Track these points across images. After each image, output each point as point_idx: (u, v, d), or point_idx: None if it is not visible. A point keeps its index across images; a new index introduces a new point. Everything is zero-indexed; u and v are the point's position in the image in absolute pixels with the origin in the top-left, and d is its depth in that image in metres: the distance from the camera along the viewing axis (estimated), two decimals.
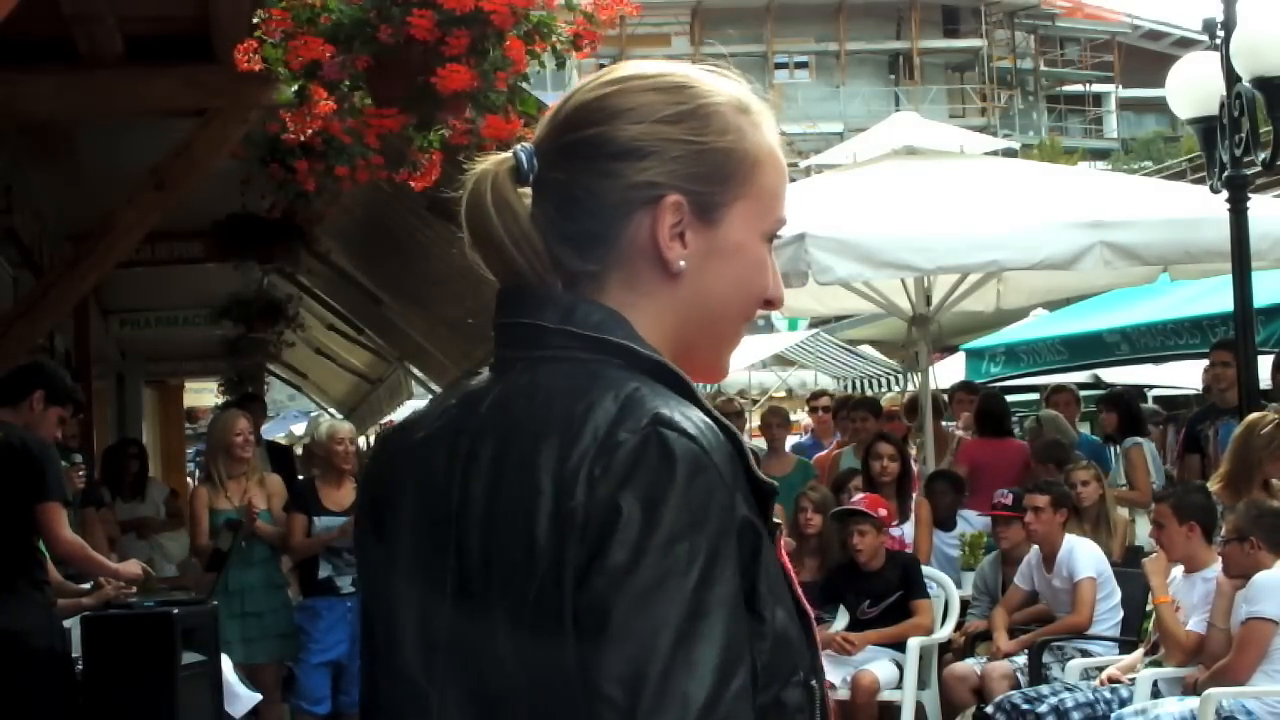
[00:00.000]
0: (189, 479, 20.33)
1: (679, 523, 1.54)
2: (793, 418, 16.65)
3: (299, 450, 15.70)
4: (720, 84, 1.77)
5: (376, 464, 1.83)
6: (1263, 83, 8.62)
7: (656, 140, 1.70)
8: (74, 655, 6.82)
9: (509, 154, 1.72)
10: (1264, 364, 9.61)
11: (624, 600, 1.52)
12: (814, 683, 1.66)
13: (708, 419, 1.63)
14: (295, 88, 5.24)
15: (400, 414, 15.67)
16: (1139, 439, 10.72)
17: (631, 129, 1.70)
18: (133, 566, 7.25)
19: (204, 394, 24.92)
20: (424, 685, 1.66)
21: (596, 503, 1.55)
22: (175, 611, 7.07)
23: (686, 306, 1.73)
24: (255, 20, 5.26)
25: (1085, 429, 12.67)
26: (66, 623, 6.86)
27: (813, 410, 15.15)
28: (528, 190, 1.73)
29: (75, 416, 7.71)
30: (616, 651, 1.51)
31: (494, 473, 1.64)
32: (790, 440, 13.74)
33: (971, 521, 10.26)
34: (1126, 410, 11.46)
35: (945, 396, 12.48)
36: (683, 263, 1.71)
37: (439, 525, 1.67)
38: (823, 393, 16.80)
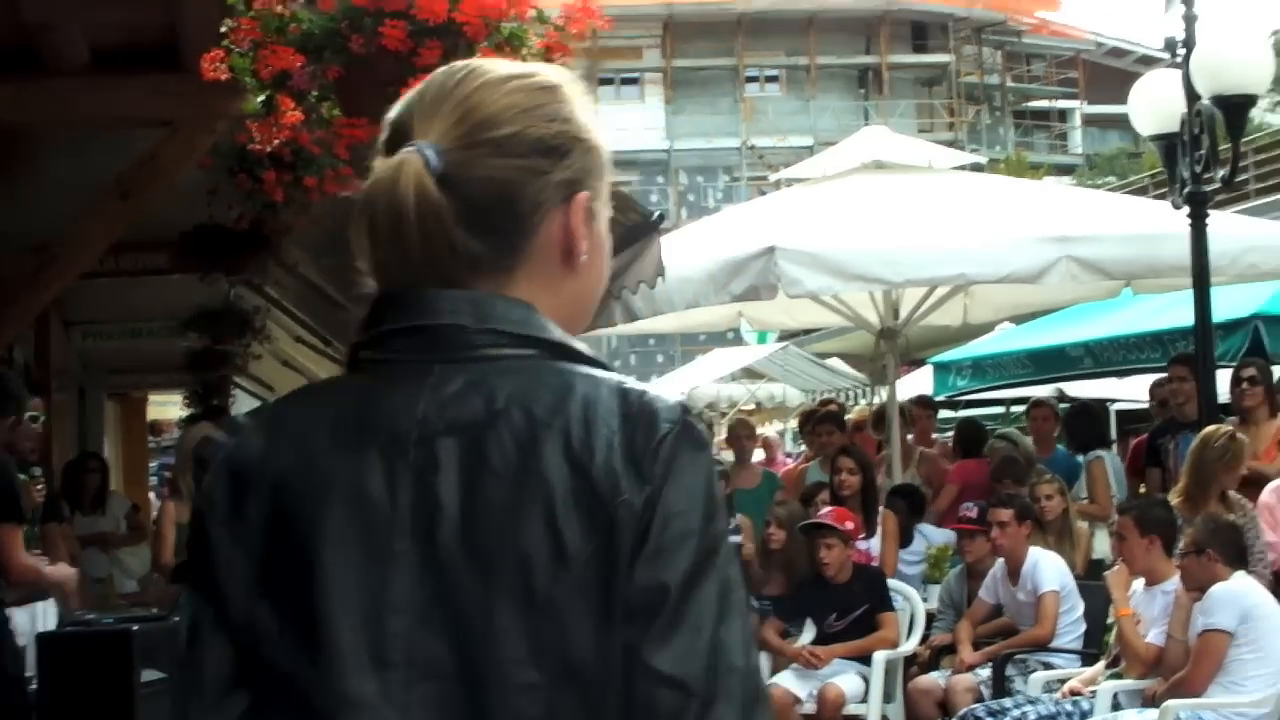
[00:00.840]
0: (151, 493, 20.21)
1: (711, 507, 1.62)
2: (759, 431, 16.61)
3: None
4: (567, 79, 1.80)
5: (245, 480, 1.70)
6: (1222, 101, 8.71)
7: (569, 138, 1.74)
8: (28, 674, 6.74)
9: (413, 151, 1.68)
10: (1222, 378, 9.68)
11: (675, 586, 1.57)
12: None
13: None
14: (262, 98, 5.21)
15: None
16: (1100, 452, 10.75)
17: (550, 126, 1.72)
18: (61, 571, 7.18)
19: (168, 407, 24.78)
20: (383, 708, 1.58)
21: (650, 496, 1.59)
22: (135, 629, 7.00)
23: (575, 297, 1.78)
24: (223, 30, 5.24)
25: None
26: (21, 641, 6.79)
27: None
28: None
29: (17, 426, 7.62)
30: (672, 635, 1.57)
31: (470, 477, 1.61)
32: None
33: (929, 536, 10.31)
34: (1071, 425, 11.46)
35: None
36: (585, 256, 1.75)
37: (381, 538, 1.61)
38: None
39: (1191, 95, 8.95)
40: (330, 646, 1.60)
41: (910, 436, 12.01)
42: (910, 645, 8.94)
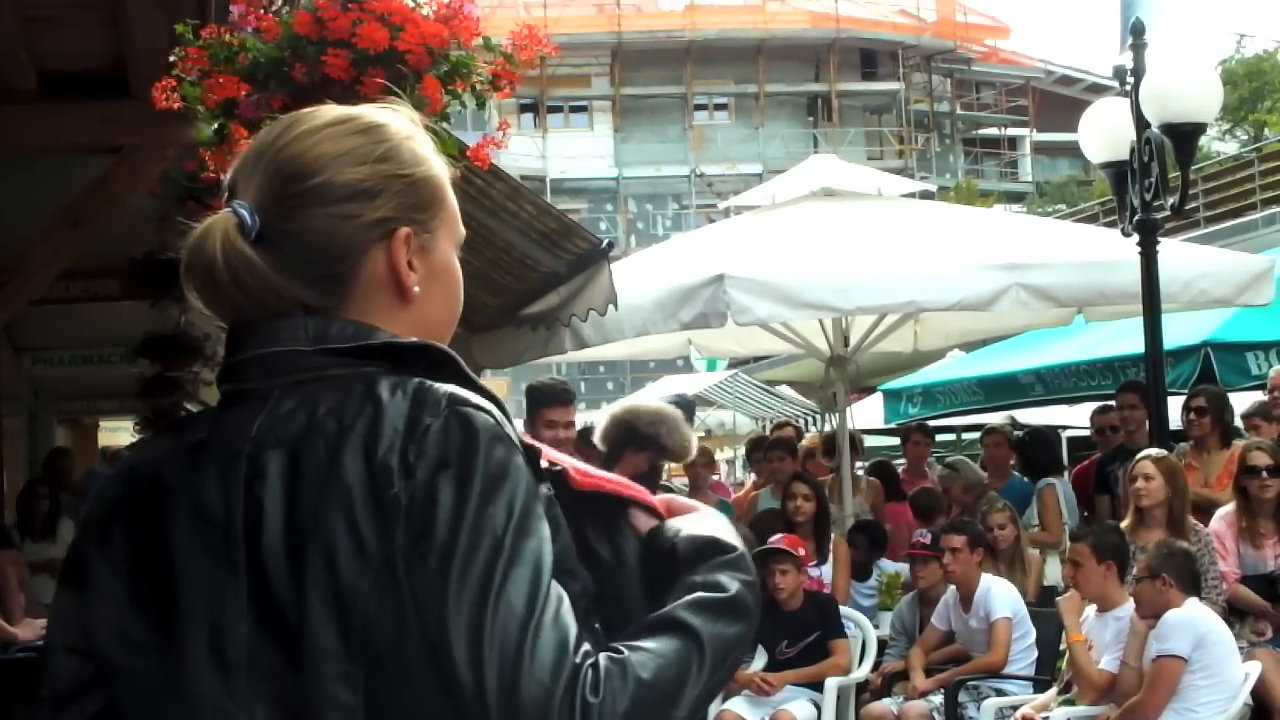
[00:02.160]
0: None
1: (488, 487, 1.68)
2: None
3: None
4: (394, 117, 1.91)
5: (112, 507, 1.85)
6: (1170, 129, 8.78)
7: (380, 179, 1.83)
8: None
9: (228, 211, 1.80)
10: (1173, 405, 9.74)
11: (453, 571, 1.64)
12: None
13: (491, 399, 1.77)
14: (215, 126, 5.18)
15: None
16: (1052, 479, 10.74)
17: (356, 170, 1.82)
18: (27, 632, 7.14)
19: (119, 433, 24.65)
20: (229, 706, 1.71)
21: (417, 486, 1.67)
22: None
23: (416, 326, 1.87)
24: (172, 59, 5.22)
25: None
26: None
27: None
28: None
29: None
30: (457, 620, 1.63)
31: (289, 485, 1.72)
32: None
33: (888, 570, 10.32)
34: (1027, 451, 11.45)
35: (863, 437, 12.51)
36: (417, 288, 1.86)
37: (221, 548, 1.74)
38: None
39: (1141, 123, 9.02)
40: (184, 652, 1.74)
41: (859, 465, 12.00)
42: (862, 672, 8.93)
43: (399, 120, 1.90)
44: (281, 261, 1.78)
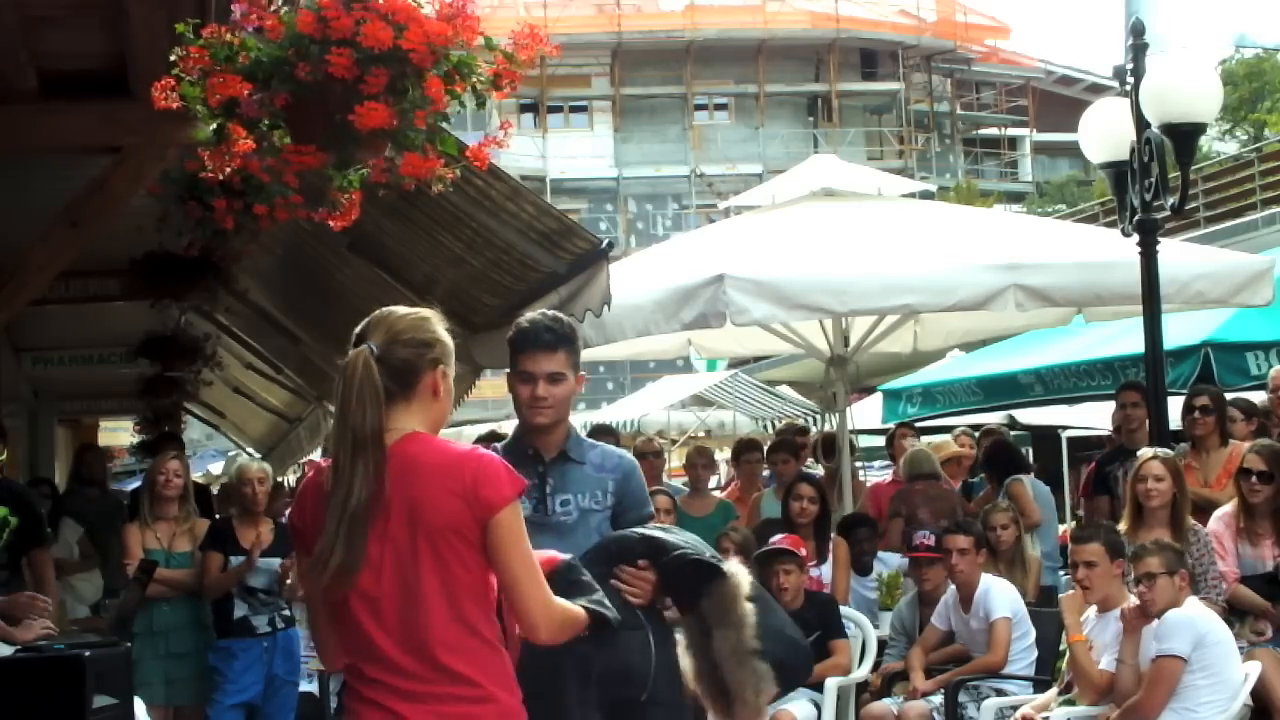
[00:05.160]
0: None
1: None
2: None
3: (215, 490, 15.59)
4: (433, 313, 3.65)
5: None
6: (1170, 129, 8.78)
7: (434, 339, 3.58)
8: None
9: (365, 347, 3.46)
10: (1173, 405, 9.73)
11: None
12: None
13: None
14: (214, 126, 5.17)
15: (319, 453, 15.51)
16: (1019, 475, 10.75)
17: (425, 334, 3.56)
18: (26, 633, 7.14)
19: (119, 433, 24.67)
20: None
21: None
22: (87, 654, 6.92)
23: (438, 415, 3.62)
24: (172, 58, 5.21)
25: None
26: None
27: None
28: None
29: None
30: None
31: None
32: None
33: (888, 562, 10.30)
34: (991, 458, 11.46)
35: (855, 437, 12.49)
36: (441, 395, 3.60)
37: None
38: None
39: (1141, 123, 9.02)
40: None
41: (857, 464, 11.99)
42: (862, 672, 8.93)
43: (435, 315, 3.61)
44: (385, 371, 3.44)
